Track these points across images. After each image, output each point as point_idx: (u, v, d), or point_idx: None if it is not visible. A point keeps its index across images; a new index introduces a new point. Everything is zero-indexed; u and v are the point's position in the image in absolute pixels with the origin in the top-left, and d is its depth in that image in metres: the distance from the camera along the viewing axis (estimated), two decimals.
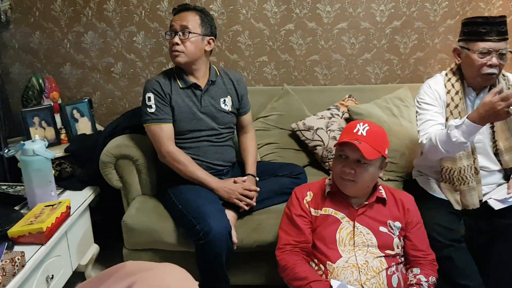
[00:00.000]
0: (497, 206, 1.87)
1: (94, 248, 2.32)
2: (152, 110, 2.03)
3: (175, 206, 2.01)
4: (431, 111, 1.99)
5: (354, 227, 1.69)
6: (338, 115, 2.53)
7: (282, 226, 1.80)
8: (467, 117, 1.75)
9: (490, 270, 1.88)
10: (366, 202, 1.71)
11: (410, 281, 1.64)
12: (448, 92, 1.99)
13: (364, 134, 1.65)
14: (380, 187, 1.77)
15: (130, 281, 0.95)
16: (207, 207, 1.91)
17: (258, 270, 2.12)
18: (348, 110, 2.53)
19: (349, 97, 2.63)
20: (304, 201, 1.76)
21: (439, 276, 1.70)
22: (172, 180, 2.09)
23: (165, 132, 2.05)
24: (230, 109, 2.17)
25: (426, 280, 1.62)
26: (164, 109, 2.04)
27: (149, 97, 2.04)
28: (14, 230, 1.73)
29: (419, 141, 1.96)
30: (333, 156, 2.34)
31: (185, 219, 1.94)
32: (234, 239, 1.94)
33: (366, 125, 1.67)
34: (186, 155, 2.07)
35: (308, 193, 1.78)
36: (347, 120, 2.50)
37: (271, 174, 2.23)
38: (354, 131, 1.67)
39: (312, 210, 1.74)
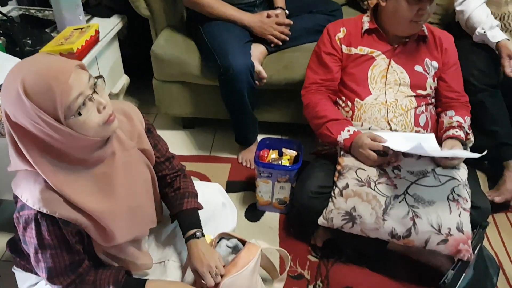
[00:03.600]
0: None
1: (125, 79, 2.36)
2: None
3: (202, 39, 1.97)
4: None
5: (388, 65, 1.63)
6: None
7: (310, 65, 1.76)
8: (497, 42, 1.77)
9: None
10: (407, 40, 1.63)
11: (450, 123, 1.61)
12: None
13: None
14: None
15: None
16: (230, 43, 1.86)
17: (286, 108, 2.15)
18: None
19: None
20: (336, 37, 1.68)
21: None
22: (202, 14, 2.00)
23: None
24: None
25: (463, 120, 1.60)
26: None
27: None
28: (46, 50, 1.74)
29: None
30: None
31: (209, 53, 1.92)
32: (263, 74, 1.92)
33: None
34: None
35: (341, 29, 1.69)
36: None
37: (305, 10, 2.12)
38: None
39: (343, 47, 1.67)
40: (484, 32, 1.80)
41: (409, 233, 1.41)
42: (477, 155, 1.41)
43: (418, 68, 1.63)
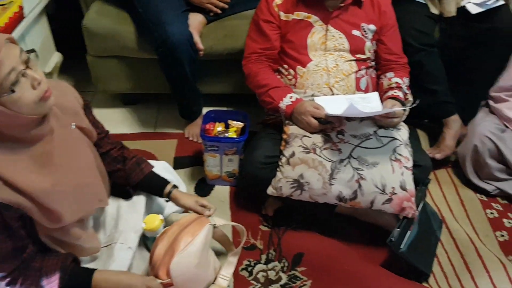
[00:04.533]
0: (474, 10, 1.80)
1: (57, 57, 2.22)
2: None
3: (136, 10, 1.86)
4: None
5: (326, 31, 1.62)
6: None
7: (250, 33, 1.74)
8: None
9: (461, 75, 1.92)
10: (342, 4, 1.61)
11: (389, 84, 1.63)
12: None
13: None
14: None
15: None
16: (166, 13, 1.78)
17: (229, 79, 2.11)
18: None
19: None
20: (274, 4, 1.66)
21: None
22: None
23: None
24: None
25: (402, 81, 1.63)
26: None
27: None
28: None
29: None
30: None
31: (144, 25, 1.83)
32: (199, 45, 1.86)
33: None
34: None
35: None
36: None
37: None
38: None
39: (281, 14, 1.65)
40: None
41: (355, 195, 1.44)
42: (409, 106, 1.47)
43: (356, 32, 1.63)
